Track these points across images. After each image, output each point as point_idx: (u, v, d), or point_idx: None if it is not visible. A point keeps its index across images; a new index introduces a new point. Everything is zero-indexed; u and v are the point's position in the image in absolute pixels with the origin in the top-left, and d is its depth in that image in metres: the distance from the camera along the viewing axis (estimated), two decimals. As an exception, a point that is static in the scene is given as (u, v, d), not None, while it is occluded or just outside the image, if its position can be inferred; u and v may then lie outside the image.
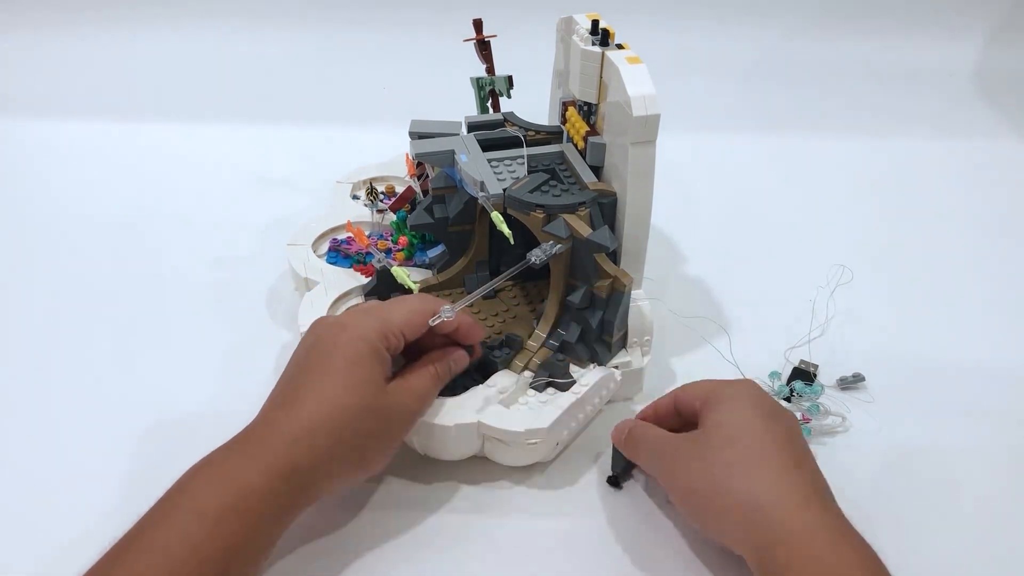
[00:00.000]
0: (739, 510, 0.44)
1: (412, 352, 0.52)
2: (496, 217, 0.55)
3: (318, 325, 0.50)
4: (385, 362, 0.48)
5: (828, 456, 0.57)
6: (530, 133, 0.64)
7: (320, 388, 0.46)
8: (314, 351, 0.48)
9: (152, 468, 0.54)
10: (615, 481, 0.54)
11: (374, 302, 0.55)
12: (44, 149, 0.93)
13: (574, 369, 0.57)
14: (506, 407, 0.53)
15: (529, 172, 0.59)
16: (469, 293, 0.59)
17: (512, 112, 0.66)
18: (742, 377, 0.51)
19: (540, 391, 0.55)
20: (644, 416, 0.55)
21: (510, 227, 0.54)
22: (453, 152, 0.59)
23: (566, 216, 0.55)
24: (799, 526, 0.43)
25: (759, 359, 0.64)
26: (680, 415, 0.52)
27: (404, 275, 0.58)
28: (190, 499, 0.42)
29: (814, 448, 0.57)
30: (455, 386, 0.54)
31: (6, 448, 0.56)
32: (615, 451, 0.55)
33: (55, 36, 1.09)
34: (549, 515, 0.53)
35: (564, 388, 0.55)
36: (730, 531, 0.46)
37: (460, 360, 0.54)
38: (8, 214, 0.82)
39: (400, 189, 0.74)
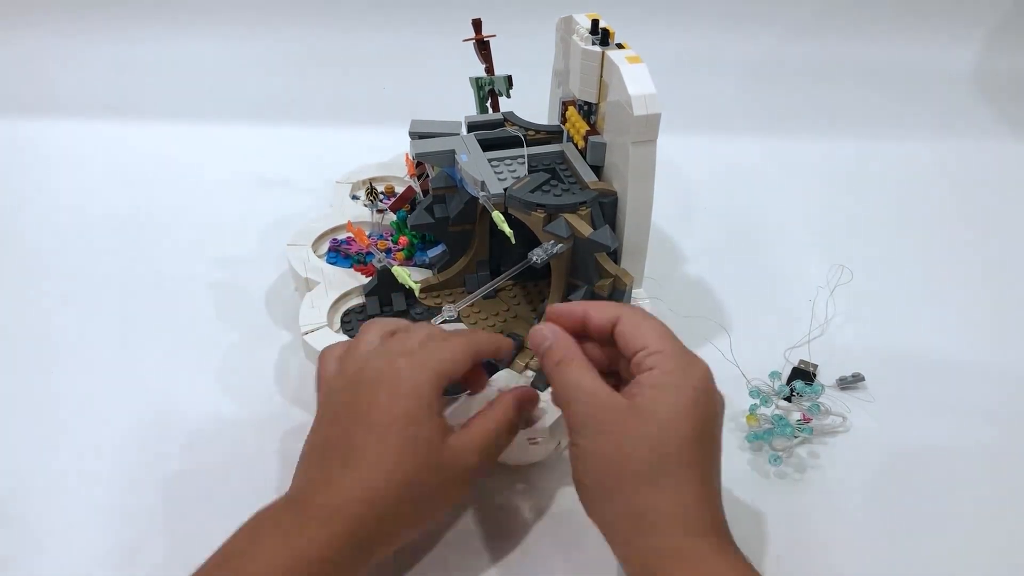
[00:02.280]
0: (632, 520, 0.41)
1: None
2: (497, 217, 0.55)
3: (362, 367, 0.46)
4: (440, 412, 0.45)
5: (828, 456, 0.57)
6: (530, 133, 0.64)
7: (380, 445, 0.43)
8: (365, 401, 0.44)
9: (152, 468, 0.55)
10: None
11: (419, 334, 0.48)
12: (44, 149, 0.93)
13: (574, 369, 0.57)
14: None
15: (529, 172, 0.59)
16: (470, 293, 0.59)
17: (512, 112, 0.66)
18: (698, 360, 0.45)
19: (541, 391, 0.55)
20: (559, 319, 0.47)
21: (511, 227, 0.54)
22: (453, 152, 0.59)
23: (567, 216, 0.55)
24: (690, 553, 0.40)
25: (759, 359, 0.64)
26: (587, 330, 0.47)
27: (405, 275, 0.58)
28: (250, 570, 0.39)
29: (814, 448, 0.58)
30: (456, 387, 0.54)
31: (6, 448, 0.56)
32: None
33: (55, 36, 1.09)
34: (549, 515, 0.53)
35: (565, 388, 0.55)
36: (619, 536, 0.43)
37: (532, 399, 0.51)
38: (8, 214, 0.82)
39: (400, 189, 0.74)
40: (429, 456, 0.43)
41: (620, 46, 0.57)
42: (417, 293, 0.60)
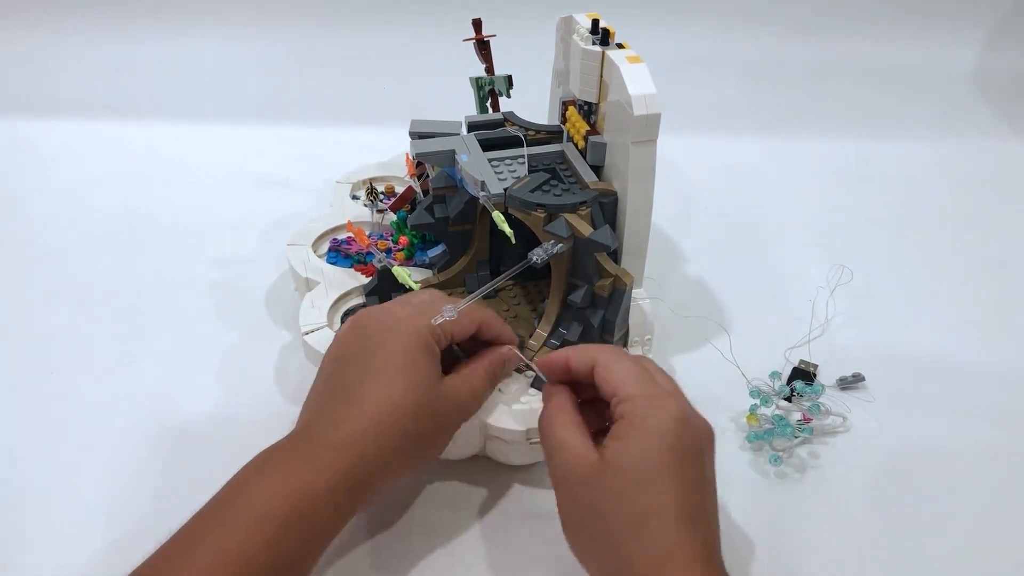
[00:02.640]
0: (617, 571, 0.41)
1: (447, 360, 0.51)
2: (497, 217, 0.55)
3: (364, 316, 0.49)
4: (437, 358, 0.48)
5: (828, 456, 0.57)
6: (530, 133, 0.64)
7: (377, 384, 0.45)
8: (368, 344, 0.47)
9: (152, 468, 0.55)
10: None
11: (423, 296, 0.53)
12: (44, 149, 0.93)
13: (575, 369, 0.57)
14: (508, 407, 0.53)
15: (530, 171, 0.59)
16: (470, 293, 0.59)
17: (512, 112, 0.66)
18: (668, 399, 0.44)
19: (541, 390, 0.55)
20: (548, 370, 0.49)
21: (511, 227, 0.54)
22: (453, 152, 0.59)
23: (567, 215, 0.55)
24: None
25: (759, 359, 0.64)
26: (571, 375, 0.48)
27: (405, 275, 0.58)
28: (251, 503, 0.41)
29: (814, 448, 0.58)
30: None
31: (6, 448, 0.56)
32: None
33: (55, 36, 1.09)
34: (549, 515, 0.52)
35: (565, 388, 0.55)
36: None
37: (514, 360, 0.53)
38: (8, 214, 0.82)
39: (400, 189, 0.74)
40: (427, 392, 0.46)
41: (620, 46, 0.57)
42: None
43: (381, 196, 0.73)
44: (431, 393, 0.46)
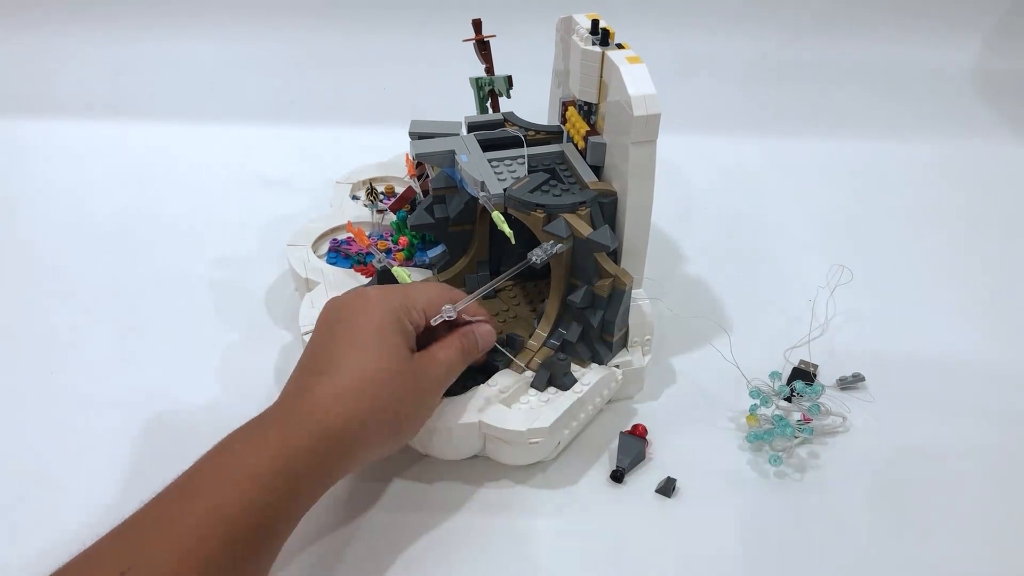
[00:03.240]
0: None
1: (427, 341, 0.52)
2: (497, 217, 0.55)
3: (338, 299, 0.51)
4: (408, 333, 0.49)
5: (828, 456, 0.57)
6: (530, 133, 0.64)
7: (353, 354, 0.47)
8: (341, 321, 0.49)
9: (151, 468, 0.54)
10: (619, 475, 0.54)
11: (396, 285, 0.55)
12: (43, 149, 0.93)
13: (575, 368, 0.57)
14: (507, 407, 0.53)
15: (529, 172, 0.59)
16: (470, 293, 0.59)
17: (512, 112, 0.66)
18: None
19: (541, 390, 0.55)
20: None
21: (511, 227, 0.54)
22: (453, 152, 0.59)
23: (567, 216, 0.55)
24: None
25: (759, 359, 0.64)
26: None
27: (405, 275, 0.58)
28: (239, 461, 0.42)
29: (814, 448, 0.58)
30: (456, 386, 0.54)
31: (6, 446, 0.56)
32: (621, 445, 0.55)
33: (55, 36, 1.09)
34: (549, 515, 0.53)
35: (565, 387, 0.55)
36: None
37: (487, 336, 0.54)
38: (7, 214, 0.82)
39: (400, 189, 0.74)
40: (399, 363, 0.47)
41: (620, 46, 0.57)
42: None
43: (381, 196, 0.73)
44: (404, 364, 0.48)
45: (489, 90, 0.68)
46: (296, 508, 0.44)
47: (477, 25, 0.67)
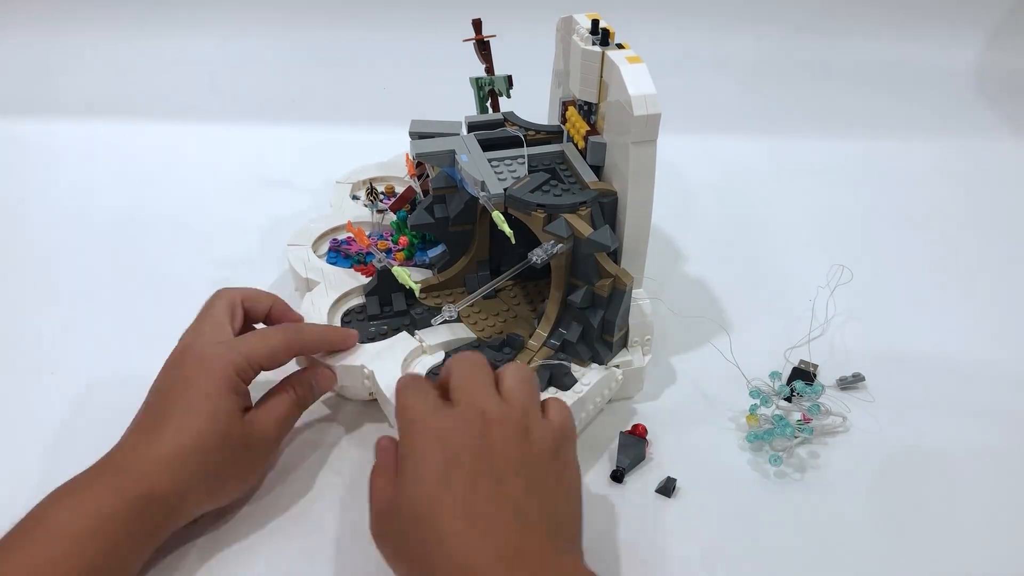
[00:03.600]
0: None
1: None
2: (497, 217, 0.55)
3: (182, 350, 0.51)
4: (242, 393, 0.50)
5: (828, 456, 0.57)
6: (530, 133, 0.64)
7: (180, 417, 0.47)
8: (174, 381, 0.49)
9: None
10: (619, 475, 0.54)
11: (237, 338, 0.53)
12: (43, 149, 0.93)
13: (575, 368, 0.57)
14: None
15: (530, 172, 0.59)
16: (470, 293, 0.59)
17: (512, 112, 0.66)
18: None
19: (542, 391, 0.55)
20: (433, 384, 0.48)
21: (511, 227, 0.54)
22: (453, 152, 0.59)
23: (567, 215, 0.55)
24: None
25: (759, 359, 0.64)
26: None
27: (405, 275, 0.58)
28: (47, 525, 0.42)
29: (814, 448, 0.58)
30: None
31: (7, 448, 0.56)
32: (621, 445, 0.55)
33: (55, 36, 1.09)
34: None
35: (565, 387, 0.55)
36: None
37: (323, 379, 0.55)
38: (7, 214, 0.82)
39: (400, 189, 0.74)
40: (230, 426, 0.47)
41: (620, 46, 0.57)
42: (417, 293, 0.60)
43: (381, 196, 0.73)
44: (234, 427, 0.48)
45: (489, 90, 0.68)
46: (112, 568, 0.43)
47: (477, 25, 0.67)
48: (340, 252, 0.68)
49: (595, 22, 0.57)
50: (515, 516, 0.40)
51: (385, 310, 0.62)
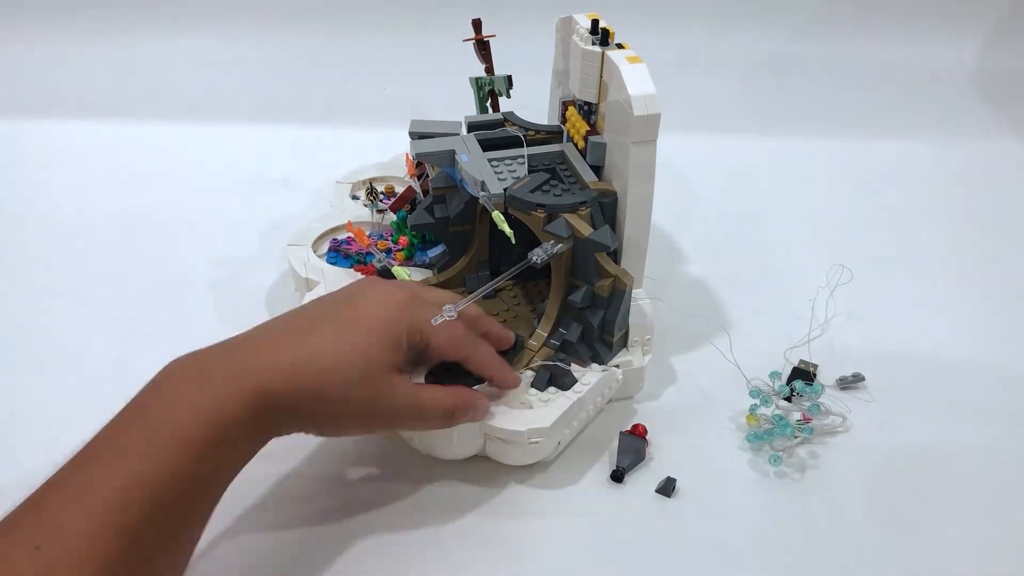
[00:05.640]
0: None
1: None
2: (497, 217, 0.55)
3: (371, 281, 0.51)
4: (402, 351, 0.47)
5: (828, 456, 0.57)
6: (530, 133, 0.64)
7: (333, 337, 0.45)
8: (347, 305, 0.47)
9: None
10: (619, 475, 0.54)
11: (435, 294, 0.52)
12: (44, 149, 0.93)
13: (575, 368, 0.57)
14: (508, 407, 0.53)
15: (529, 172, 0.59)
16: (470, 293, 0.59)
17: (512, 112, 0.66)
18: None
19: (542, 390, 0.55)
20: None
21: (511, 227, 0.54)
22: (453, 152, 0.59)
23: (567, 215, 0.55)
24: None
25: (759, 359, 0.64)
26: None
27: (405, 275, 0.58)
28: (169, 424, 0.40)
29: (814, 448, 0.58)
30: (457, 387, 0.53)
31: (7, 449, 0.56)
32: (621, 445, 0.55)
33: (55, 36, 1.09)
34: (550, 514, 0.53)
35: (565, 387, 0.55)
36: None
37: (481, 409, 0.51)
38: (8, 214, 0.82)
39: (400, 189, 0.74)
40: (374, 374, 0.45)
41: (620, 46, 0.57)
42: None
43: (381, 196, 0.73)
44: (378, 377, 0.45)
45: (489, 90, 0.68)
46: (227, 474, 0.42)
47: (477, 25, 0.67)
48: (340, 252, 0.68)
49: (595, 22, 0.57)
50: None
51: (385, 310, 0.62)
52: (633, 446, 0.55)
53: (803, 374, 0.63)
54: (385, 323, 0.46)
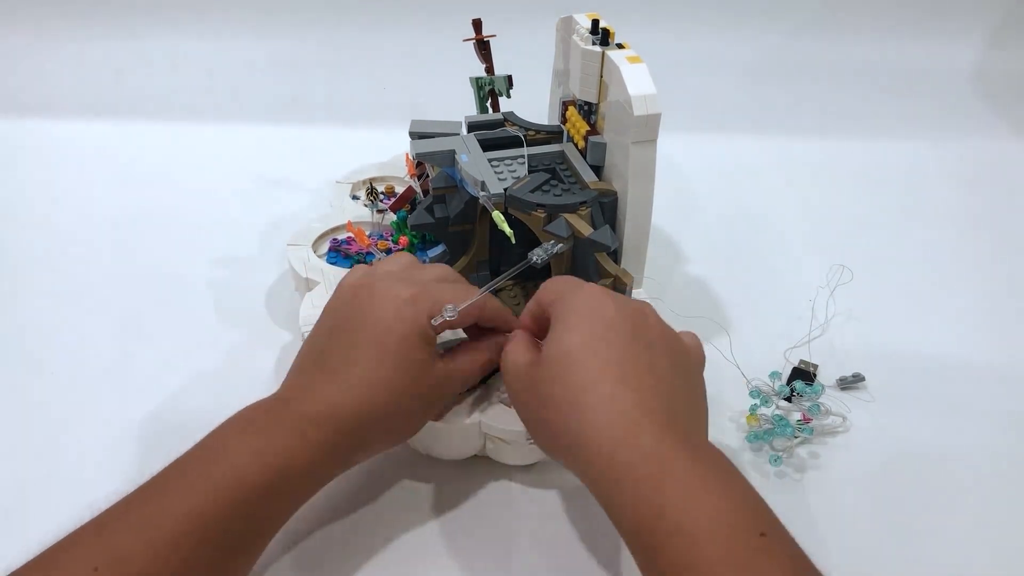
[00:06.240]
0: (570, 451, 0.42)
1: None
2: (497, 217, 0.55)
3: (358, 288, 0.48)
4: (433, 342, 0.47)
5: (828, 456, 0.57)
6: (530, 133, 0.64)
7: (370, 363, 0.45)
8: (360, 318, 0.47)
9: (152, 467, 0.55)
10: None
11: (431, 271, 0.51)
12: (44, 149, 0.93)
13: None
14: (508, 407, 0.53)
15: (530, 171, 0.59)
16: (470, 293, 0.59)
17: (512, 112, 0.66)
18: (585, 285, 0.46)
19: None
20: (524, 322, 0.50)
21: (511, 227, 0.54)
22: (453, 152, 0.59)
23: (567, 215, 0.55)
24: (624, 458, 0.39)
25: (759, 359, 0.64)
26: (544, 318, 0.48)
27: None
28: (230, 462, 0.41)
29: (814, 448, 0.58)
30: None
31: (7, 449, 0.56)
32: None
33: (55, 36, 1.09)
34: (549, 515, 0.53)
35: (565, 388, 0.55)
36: (578, 472, 0.43)
37: (501, 348, 0.52)
38: (8, 214, 0.82)
39: (400, 189, 0.74)
40: (419, 377, 0.46)
41: (620, 46, 0.57)
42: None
43: (381, 196, 0.73)
44: (422, 378, 0.46)
45: (489, 90, 0.68)
46: (282, 513, 0.43)
47: (477, 25, 0.67)
48: (340, 252, 0.68)
49: (595, 22, 0.57)
50: (658, 382, 0.42)
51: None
52: (633, 446, 0.55)
53: (803, 374, 0.63)
54: (411, 332, 0.46)
